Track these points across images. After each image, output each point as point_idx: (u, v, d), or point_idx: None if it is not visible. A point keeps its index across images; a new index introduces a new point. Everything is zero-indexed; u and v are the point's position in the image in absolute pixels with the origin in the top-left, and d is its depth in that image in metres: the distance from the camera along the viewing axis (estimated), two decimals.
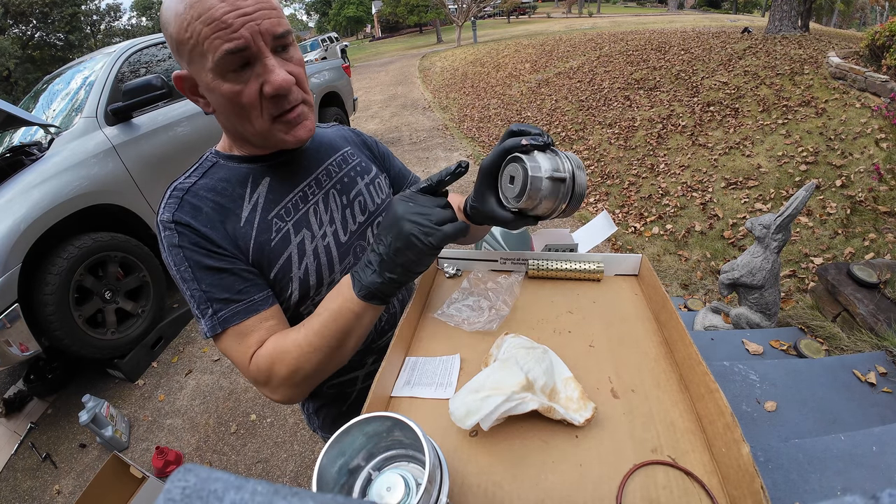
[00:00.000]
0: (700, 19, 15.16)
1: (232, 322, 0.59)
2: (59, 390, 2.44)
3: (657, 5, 38.95)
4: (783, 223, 1.64)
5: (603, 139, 4.79)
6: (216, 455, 1.92)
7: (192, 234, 0.59)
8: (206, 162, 0.67)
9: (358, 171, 0.77)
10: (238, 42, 0.52)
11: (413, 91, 9.92)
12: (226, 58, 0.53)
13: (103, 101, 2.49)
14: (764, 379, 1.43)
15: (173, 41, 0.56)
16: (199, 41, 0.52)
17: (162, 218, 0.61)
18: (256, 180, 0.66)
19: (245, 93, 0.56)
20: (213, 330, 0.59)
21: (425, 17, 29.07)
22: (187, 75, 0.59)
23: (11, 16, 18.65)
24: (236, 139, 0.66)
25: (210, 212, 0.61)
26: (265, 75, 0.56)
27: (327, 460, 0.37)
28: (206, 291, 0.58)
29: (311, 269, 0.67)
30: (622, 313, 0.69)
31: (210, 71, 0.55)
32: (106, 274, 2.27)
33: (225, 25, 0.51)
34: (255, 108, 0.58)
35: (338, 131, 0.83)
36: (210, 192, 0.63)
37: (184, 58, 0.56)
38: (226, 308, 0.59)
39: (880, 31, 3.89)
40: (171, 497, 0.15)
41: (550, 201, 0.55)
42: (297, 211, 0.67)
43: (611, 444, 0.48)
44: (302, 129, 0.62)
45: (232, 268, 0.60)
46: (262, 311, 0.61)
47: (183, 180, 0.64)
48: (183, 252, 0.59)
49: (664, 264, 2.82)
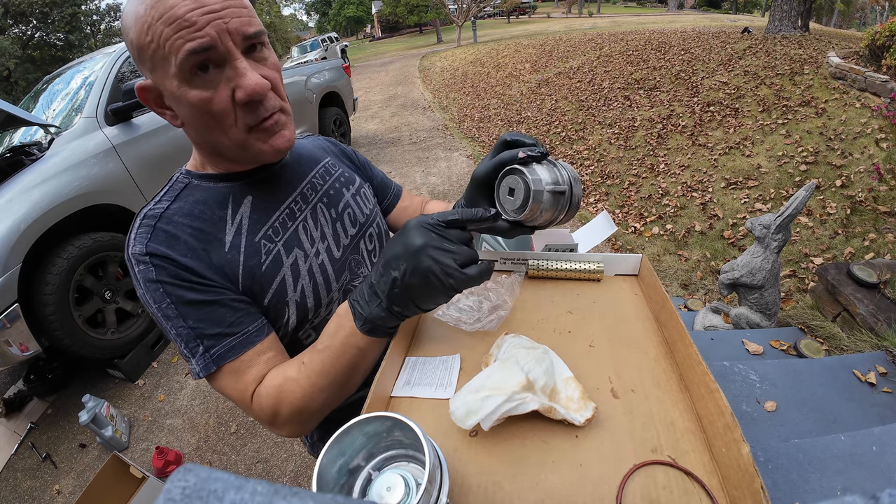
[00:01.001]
0: (700, 19, 15.16)
1: (227, 359, 0.54)
2: (59, 390, 2.44)
3: (657, 5, 38.96)
4: (783, 223, 1.64)
5: (603, 139, 4.79)
6: (216, 455, 1.92)
7: (170, 265, 0.53)
8: (178, 184, 0.60)
9: (342, 181, 0.73)
10: (202, 41, 0.47)
11: (413, 91, 9.92)
12: (189, 58, 0.47)
13: (103, 101, 2.49)
14: (764, 379, 1.43)
15: (134, 47, 0.50)
16: (161, 43, 0.47)
17: (133, 251, 0.54)
18: (237, 200, 0.60)
19: (215, 100, 0.50)
20: (207, 370, 0.54)
21: (425, 17, 29.08)
22: (151, 85, 0.53)
23: (11, 16, 18.64)
24: (210, 155, 0.60)
25: (189, 239, 0.55)
26: (236, 79, 0.50)
27: (327, 460, 0.37)
28: (195, 328, 0.53)
29: (307, 290, 0.63)
30: (622, 313, 0.69)
31: (174, 77, 0.49)
32: (106, 274, 2.27)
33: (188, 24, 0.46)
34: (227, 117, 0.52)
35: (314, 142, 0.79)
36: (186, 216, 0.57)
37: (146, 65, 0.51)
38: (218, 344, 0.54)
39: (880, 31, 3.89)
40: (171, 497, 0.15)
41: (550, 212, 0.55)
42: (285, 230, 0.62)
43: (611, 444, 0.48)
44: (280, 139, 0.56)
45: (220, 299, 0.54)
46: (258, 342, 0.56)
47: (153, 206, 0.57)
48: (162, 287, 0.52)
49: (664, 264, 2.82)
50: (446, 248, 0.47)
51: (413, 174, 4.74)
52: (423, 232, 0.47)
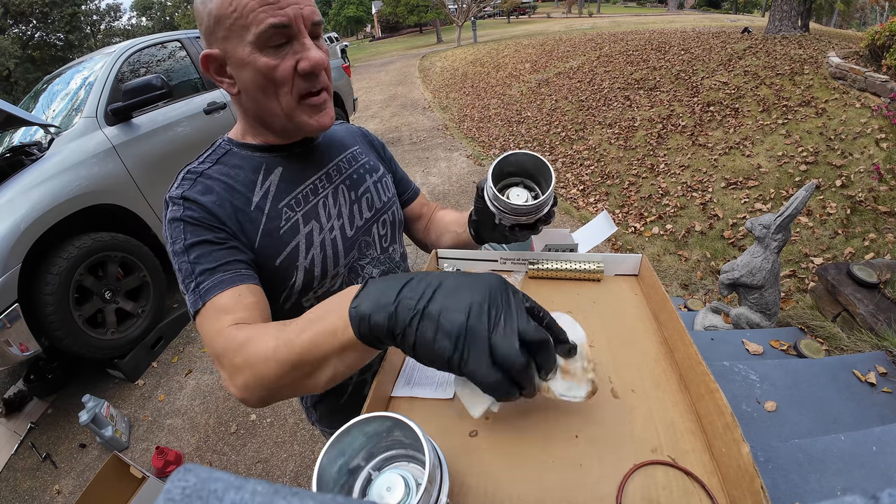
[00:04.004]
0: (700, 19, 15.16)
1: (213, 293, 0.56)
2: (59, 390, 2.44)
3: (657, 5, 38.95)
4: (783, 223, 1.64)
5: (603, 139, 4.79)
6: (216, 455, 1.92)
7: (197, 208, 0.59)
8: (220, 149, 0.68)
9: (367, 168, 0.79)
10: (283, 18, 0.55)
11: (413, 91, 9.92)
12: (268, 31, 0.55)
13: (103, 101, 2.49)
14: (764, 379, 1.43)
15: (211, 17, 0.57)
16: (244, 14, 0.55)
17: (171, 194, 0.61)
18: (269, 169, 0.67)
19: (280, 67, 0.58)
20: (195, 306, 0.56)
21: (425, 17, 29.05)
22: (217, 54, 0.60)
23: (11, 16, 18.65)
24: (255, 124, 0.67)
25: (221, 191, 0.62)
26: (302, 52, 0.58)
27: (327, 460, 0.37)
28: (194, 263, 0.57)
29: (317, 260, 0.68)
30: (622, 313, 0.68)
31: (249, 44, 0.56)
32: (106, 274, 2.27)
33: (272, 1, 0.55)
34: (286, 84, 0.59)
35: (348, 129, 0.85)
36: (223, 175, 0.64)
37: (219, 34, 0.58)
38: (209, 279, 0.57)
39: (880, 31, 3.89)
40: (171, 497, 0.15)
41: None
42: (306, 202, 0.69)
43: (611, 444, 0.48)
44: (325, 116, 0.65)
45: (227, 243, 0.60)
46: (244, 284, 0.57)
47: (197, 165, 0.65)
48: (182, 225, 0.58)
49: (664, 264, 2.82)
50: (513, 327, 0.37)
51: (413, 174, 4.73)
52: (507, 293, 0.39)
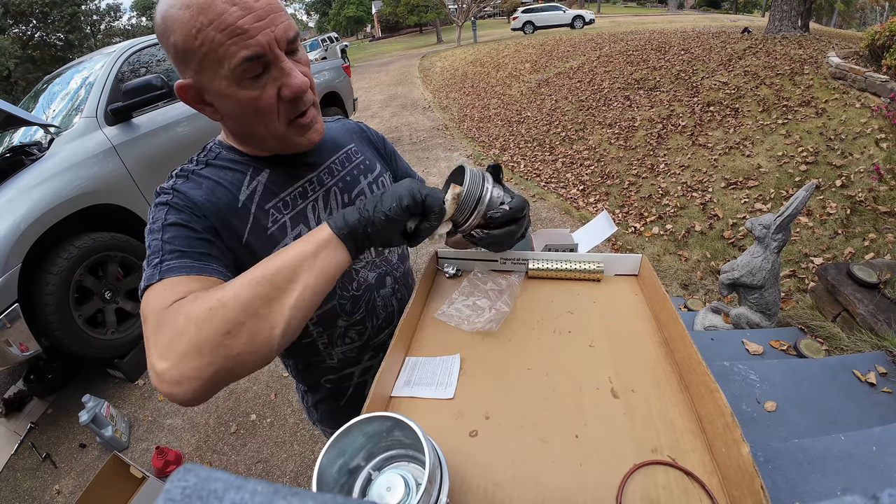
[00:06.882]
0: (700, 19, 15.16)
1: (174, 273, 0.50)
2: (59, 390, 2.44)
3: (657, 5, 38.94)
4: (783, 223, 1.64)
5: (603, 139, 4.79)
6: (216, 455, 1.92)
7: (185, 199, 0.58)
8: (211, 152, 0.67)
9: (361, 169, 0.77)
10: (256, 49, 0.52)
11: (413, 91, 9.92)
12: (242, 65, 0.52)
13: (103, 101, 2.49)
14: (764, 379, 1.43)
15: (178, 50, 0.53)
16: (213, 48, 0.51)
17: (162, 186, 0.60)
18: (257, 170, 0.66)
19: (263, 97, 0.55)
20: (149, 280, 0.50)
21: (425, 17, 29.05)
22: (192, 84, 0.56)
23: (11, 16, 18.65)
24: (243, 140, 0.66)
25: (210, 188, 0.62)
26: (283, 79, 0.56)
27: (327, 460, 0.37)
28: (165, 241, 0.53)
29: None
30: (622, 313, 0.68)
31: (224, 78, 0.53)
32: (106, 274, 2.27)
33: (241, 31, 0.50)
34: (271, 113, 0.57)
35: (344, 125, 0.82)
36: (213, 175, 0.64)
37: (191, 66, 0.54)
38: (176, 261, 0.51)
39: (880, 31, 3.89)
40: (171, 497, 0.15)
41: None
42: (295, 205, 0.67)
43: (611, 444, 0.48)
44: (315, 133, 0.64)
45: (205, 236, 0.57)
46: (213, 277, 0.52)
47: (189, 165, 0.65)
48: (166, 208, 0.57)
49: (664, 264, 2.82)
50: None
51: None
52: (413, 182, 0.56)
